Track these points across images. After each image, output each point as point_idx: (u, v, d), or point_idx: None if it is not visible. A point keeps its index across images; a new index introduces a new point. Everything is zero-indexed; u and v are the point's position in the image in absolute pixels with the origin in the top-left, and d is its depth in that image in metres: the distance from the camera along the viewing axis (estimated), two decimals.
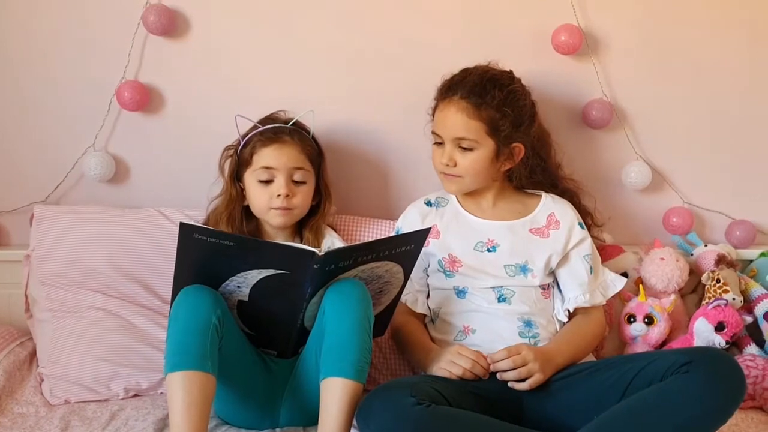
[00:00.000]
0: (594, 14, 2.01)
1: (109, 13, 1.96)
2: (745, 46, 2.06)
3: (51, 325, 1.84)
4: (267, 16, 1.99)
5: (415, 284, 1.79)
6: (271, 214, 1.76)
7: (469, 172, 1.75)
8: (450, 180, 1.78)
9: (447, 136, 1.75)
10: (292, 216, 1.77)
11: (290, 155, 1.75)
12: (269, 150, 1.74)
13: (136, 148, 2.03)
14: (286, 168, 1.74)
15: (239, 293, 1.56)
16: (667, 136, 2.09)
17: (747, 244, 2.11)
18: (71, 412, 1.72)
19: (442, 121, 1.76)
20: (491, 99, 1.71)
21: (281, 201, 1.73)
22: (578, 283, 1.76)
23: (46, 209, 1.92)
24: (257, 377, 1.63)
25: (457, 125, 1.73)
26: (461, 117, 1.72)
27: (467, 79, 1.75)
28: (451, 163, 1.75)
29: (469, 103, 1.72)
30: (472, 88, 1.72)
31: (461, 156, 1.74)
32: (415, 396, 1.41)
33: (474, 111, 1.71)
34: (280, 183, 1.74)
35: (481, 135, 1.72)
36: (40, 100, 2.00)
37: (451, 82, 1.78)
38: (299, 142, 1.76)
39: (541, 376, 1.58)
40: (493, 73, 1.77)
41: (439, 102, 1.78)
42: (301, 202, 1.76)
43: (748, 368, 1.77)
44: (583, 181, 1.96)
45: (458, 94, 1.73)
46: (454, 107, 1.73)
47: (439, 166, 1.78)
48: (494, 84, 1.73)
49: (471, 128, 1.72)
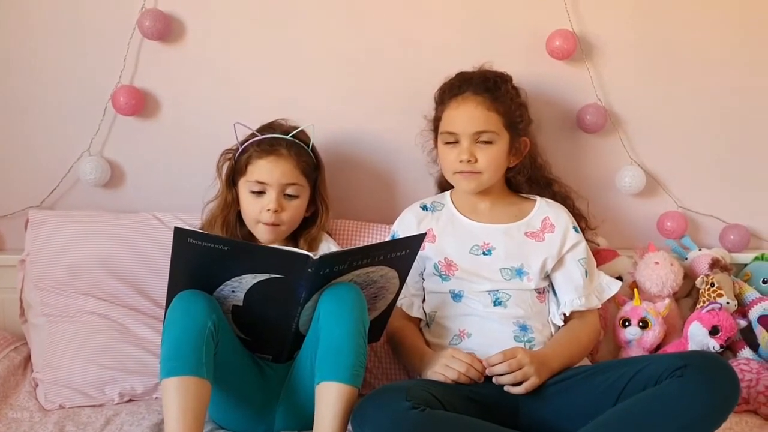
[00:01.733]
0: (588, 20, 2.02)
1: (104, 17, 1.96)
2: (740, 51, 2.07)
3: (46, 330, 1.84)
4: (263, 20, 1.99)
5: (411, 288, 1.80)
6: (258, 228, 1.76)
7: (490, 166, 1.75)
8: (467, 178, 1.77)
9: (465, 131, 1.74)
10: (279, 233, 1.76)
11: (284, 170, 1.74)
12: (264, 162, 1.74)
13: (132, 153, 2.03)
14: (279, 183, 1.74)
15: (234, 298, 1.56)
16: (662, 140, 2.10)
17: (741, 248, 2.12)
18: (66, 417, 1.72)
19: (458, 118, 1.76)
20: (505, 92, 1.77)
21: (269, 216, 1.73)
22: (573, 287, 1.76)
23: (41, 214, 1.92)
24: (252, 382, 1.63)
25: (476, 119, 1.74)
26: (480, 110, 1.74)
27: (473, 77, 1.79)
28: (473, 158, 1.74)
29: (485, 97, 1.75)
30: (484, 84, 1.76)
31: (480, 151, 1.75)
32: (410, 400, 1.41)
33: (491, 104, 1.74)
34: (270, 197, 1.74)
35: (499, 127, 1.75)
36: (34, 105, 2.00)
37: (455, 82, 1.80)
38: (295, 156, 1.76)
39: (537, 379, 1.58)
40: (495, 72, 1.82)
41: (450, 101, 1.78)
42: (290, 217, 1.76)
43: (742, 372, 1.78)
44: (577, 186, 1.98)
45: (470, 90, 1.76)
46: (472, 102, 1.74)
47: (455, 165, 1.76)
48: (502, 80, 1.79)
49: (491, 121, 1.74)
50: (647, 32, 2.05)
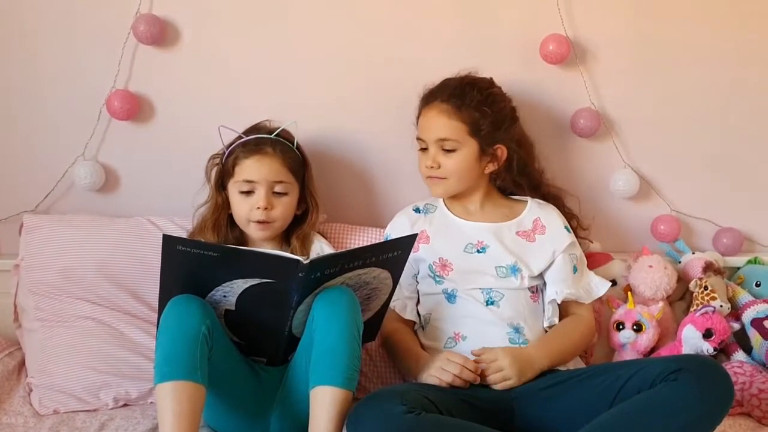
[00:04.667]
0: (581, 24, 2.02)
1: (99, 22, 1.96)
2: (733, 55, 2.07)
3: (40, 335, 1.84)
4: (257, 26, 1.99)
5: (405, 291, 1.80)
6: (251, 227, 1.76)
7: (454, 172, 1.79)
8: (435, 183, 1.81)
9: (430, 138, 1.79)
10: (272, 229, 1.77)
11: (271, 168, 1.75)
12: (250, 162, 1.75)
13: (126, 157, 2.03)
14: (267, 181, 1.74)
15: (226, 302, 1.56)
16: (655, 144, 2.10)
17: (734, 252, 2.12)
18: (60, 422, 1.71)
19: (425, 126, 1.81)
20: (470, 100, 1.77)
21: (260, 214, 1.74)
22: (562, 278, 1.78)
23: (36, 218, 1.92)
24: (247, 386, 1.63)
25: (439, 127, 1.77)
26: (442, 119, 1.77)
27: (447, 84, 1.81)
28: (435, 164, 1.78)
29: (449, 105, 1.77)
30: (452, 92, 1.78)
31: (444, 157, 1.78)
32: (405, 404, 1.41)
33: (455, 112, 1.77)
34: (260, 195, 1.74)
35: (462, 135, 1.77)
36: (29, 109, 2.00)
37: (432, 89, 1.83)
38: (281, 154, 1.76)
39: (514, 381, 1.60)
40: (472, 78, 1.83)
41: (422, 108, 1.83)
42: (281, 214, 1.76)
43: (736, 375, 1.79)
44: (571, 190, 1.98)
45: (438, 98, 1.79)
46: (435, 110, 1.78)
47: (424, 170, 1.81)
48: (473, 86, 1.80)
49: (452, 129, 1.77)
50: (640, 36, 2.05)
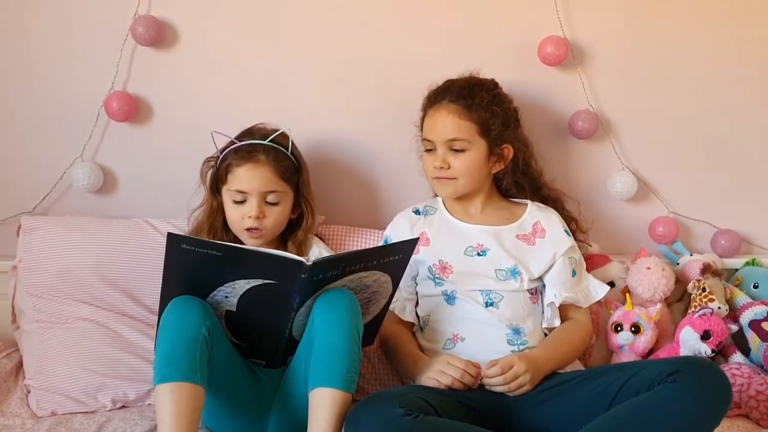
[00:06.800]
0: (580, 26, 2.03)
1: (97, 24, 1.96)
2: (731, 57, 2.08)
3: (38, 337, 1.83)
4: (256, 27, 1.99)
5: (404, 292, 1.80)
6: (244, 235, 1.76)
7: (463, 173, 1.78)
8: (443, 183, 1.80)
9: (439, 139, 1.78)
10: (264, 237, 1.76)
11: (263, 178, 1.73)
12: (242, 171, 1.73)
13: (124, 159, 2.02)
14: (258, 192, 1.73)
15: (227, 303, 1.56)
16: (653, 146, 2.10)
17: (732, 254, 2.12)
18: (58, 423, 1.71)
19: (433, 126, 1.79)
20: (480, 100, 1.77)
21: (252, 222, 1.73)
22: (560, 281, 1.78)
23: (34, 220, 1.91)
24: (246, 388, 1.63)
25: (449, 127, 1.77)
26: (452, 119, 1.76)
27: (454, 85, 1.81)
28: (445, 165, 1.77)
29: (459, 105, 1.77)
30: (461, 92, 1.78)
31: (454, 158, 1.78)
32: (403, 407, 1.41)
33: (465, 112, 1.76)
34: (251, 205, 1.73)
35: (472, 135, 1.77)
36: (27, 111, 1.99)
37: (437, 90, 1.82)
38: (273, 162, 1.74)
39: (530, 387, 1.60)
40: (478, 79, 1.83)
41: (428, 109, 1.82)
42: (273, 223, 1.76)
43: (734, 376, 1.79)
44: (569, 191, 1.98)
45: (447, 98, 1.78)
46: (445, 110, 1.77)
47: (432, 171, 1.80)
48: (481, 87, 1.80)
49: (463, 128, 1.76)
50: (639, 38, 2.05)
